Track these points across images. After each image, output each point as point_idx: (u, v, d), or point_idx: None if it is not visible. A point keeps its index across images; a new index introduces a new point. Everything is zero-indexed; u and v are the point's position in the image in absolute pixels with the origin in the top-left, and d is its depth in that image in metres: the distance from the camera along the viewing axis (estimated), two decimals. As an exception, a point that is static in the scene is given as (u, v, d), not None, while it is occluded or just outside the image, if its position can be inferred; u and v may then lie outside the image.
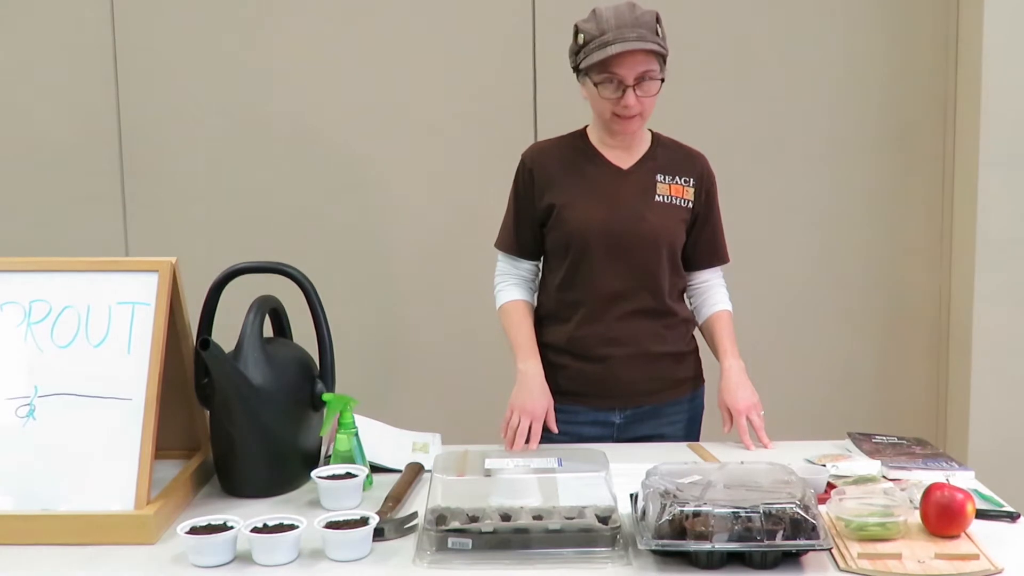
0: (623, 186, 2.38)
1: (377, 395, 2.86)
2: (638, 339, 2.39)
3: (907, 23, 3.53)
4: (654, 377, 2.42)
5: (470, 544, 1.74)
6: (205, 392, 2.06)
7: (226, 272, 2.12)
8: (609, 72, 2.26)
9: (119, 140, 3.61)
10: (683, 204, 2.40)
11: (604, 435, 2.43)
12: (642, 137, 2.43)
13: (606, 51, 2.22)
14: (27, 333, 1.97)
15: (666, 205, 2.38)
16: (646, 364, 2.41)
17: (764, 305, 3.66)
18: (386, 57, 3.57)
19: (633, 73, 2.25)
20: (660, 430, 2.45)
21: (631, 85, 2.26)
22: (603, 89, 2.28)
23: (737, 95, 3.57)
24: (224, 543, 1.74)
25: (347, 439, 2.09)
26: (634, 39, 2.22)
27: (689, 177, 2.41)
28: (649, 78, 2.28)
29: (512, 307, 2.45)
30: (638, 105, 2.28)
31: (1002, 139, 3.31)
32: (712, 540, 1.67)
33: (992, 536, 1.81)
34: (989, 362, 3.39)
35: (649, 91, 2.29)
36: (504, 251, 2.49)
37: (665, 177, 2.40)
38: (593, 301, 2.38)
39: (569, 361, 2.42)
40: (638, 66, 2.25)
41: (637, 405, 2.43)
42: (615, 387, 2.41)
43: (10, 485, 1.90)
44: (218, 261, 2.19)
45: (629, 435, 2.44)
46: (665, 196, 2.38)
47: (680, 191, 2.40)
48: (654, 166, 2.41)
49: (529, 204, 2.42)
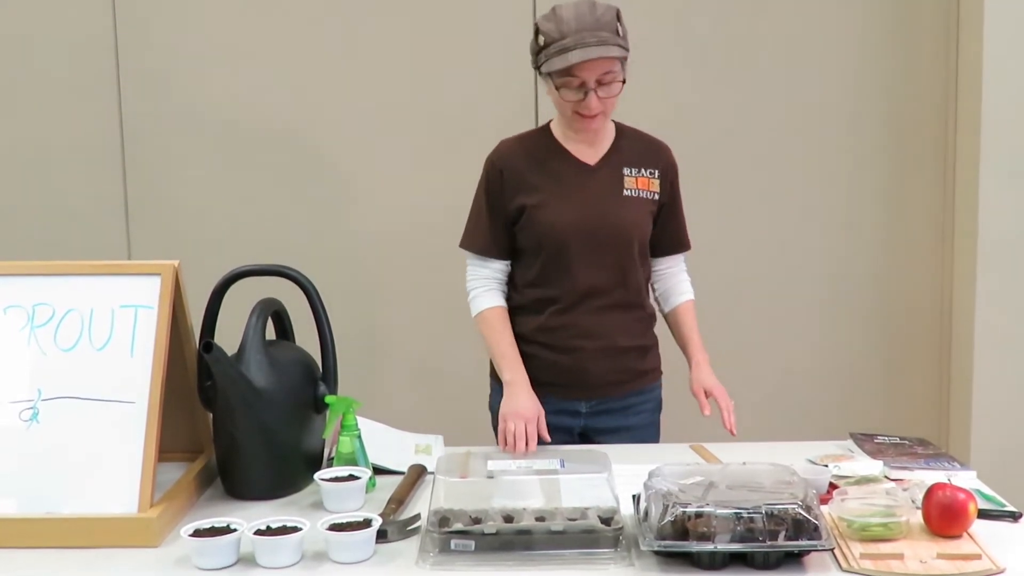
0: (592, 183, 2.41)
1: (379, 397, 2.87)
2: (610, 332, 2.43)
3: (908, 23, 3.53)
4: (621, 369, 2.46)
5: (473, 546, 1.74)
6: (208, 395, 2.06)
7: (229, 275, 2.12)
8: (570, 76, 2.27)
9: (121, 144, 3.61)
10: (650, 196, 2.43)
11: (571, 424, 2.46)
12: (607, 129, 2.44)
13: (567, 58, 2.23)
14: (30, 336, 1.98)
15: (634, 199, 2.41)
16: (615, 357, 2.45)
17: (766, 305, 3.66)
18: (388, 59, 3.57)
19: (594, 76, 2.27)
20: (626, 420, 2.48)
21: (592, 88, 2.28)
22: (564, 92, 2.30)
23: (738, 97, 3.57)
24: (227, 545, 1.75)
25: (350, 441, 2.09)
26: (594, 44, 2.22)
27: (654, 169, 2.44)
28: (611, 80, 2.29)
29: (491, 315, 2.45)
30: (600, 105, 2.31)
31: (1003, 139, 3.31)
32: (714, 541, 1.67)
33: (994, 536, 1.81)
34: (991, 362, 3.39)
35: (611, 92, 2.31)
36: (475, 252, 2.48)
37: (632, 171, 2.43)
38: (567, 296, 2.41)
39: (538, 351, 2.43)
40: (599, 69, 2.26)
41: (603, 396, 2.46)
42: (584, 378, 2.44)
43: (14, 488, 1.90)
44: (221, 264, 2.19)
45: (595, 424, 2.47)
46: (633, 190, 2.42)
47: (647, 183, 2.43)
48: (620, 160, 2.43)
49: (500, 204, 2.43)
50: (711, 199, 3.58)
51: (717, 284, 3.64)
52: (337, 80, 3.58)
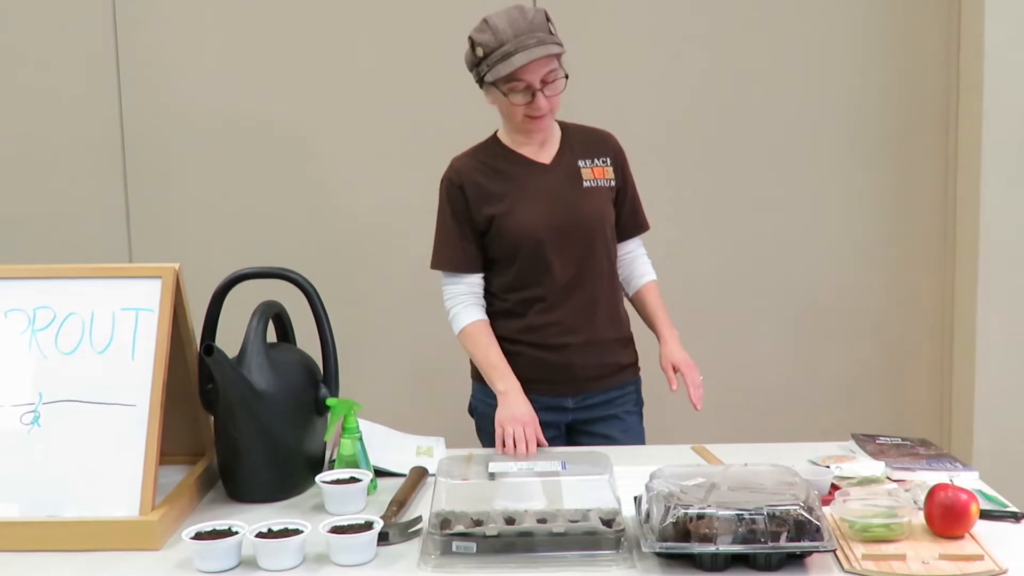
0: (553, 180, 2.44)
1: (381, 399, 2.86)
2: (593, 326, 2.46)
3: (909, 24, 3.53)
4: (604, 363, 2.49)
5: (474, 548, 1.74)
6: (209, 397, 2.06)
7: (229, 277, 2.12)
8: (516, 80, 2.32)
9: (122, 146, 3.62)
10: (607, 184, 2.48)
11: (559, 420, 2.48)
12: (552, 129, 2.49)
13: (511, 62, 2.28)
14: (31, 340, 1.98)
15: (595, 189, 2.46)
16: (598, 351, 2.48)
17: (767, 306, 3.66)
18: (388, 61, 3.57)
19: (538, 77, 2.32)
20: (611, 411, 2.51)
21: (539, 88, 2.33)
22: (512, 96, 2.35)
23: (739, 99, 3.57)
24: (229, 548, 1.75)
25: (351, 443, 2.09)
26: (534, 45, 2.29)
27: (605, 157, 2.50)
28: (554, 78, 2.35)
29: (473, 329, 2.44)
30: (547, 105, 2.35)
31: (1005, 140, 3.31)
32: (716, 542, 1.67)
33: (996, 536, 1.81)
34: (993, 363, 3.39)
35: (556, 90, 2.37)
36: (448, 270, 2.48)
37: (586, 162, 2.47)
38: (550, 294, 2.43)
39: (524, 349, 2.45)
40: (542, 69, 2.32)
41: (588, 391, 2.49)
42: (570, 374, 2.46)
43: (15, 492, 1.90)
44: (221, 267, 2.19)
45: (582, 418, 2.50)
46: (591, 180, 2.46)
47: (602, 172, 2.48)
48: (573, 155, 2.48)
49: (467, 219, 2.44)
50: (711, 200, 3.59)
51: (718, 285, 3.65)
52: (336, 84, 3.58)
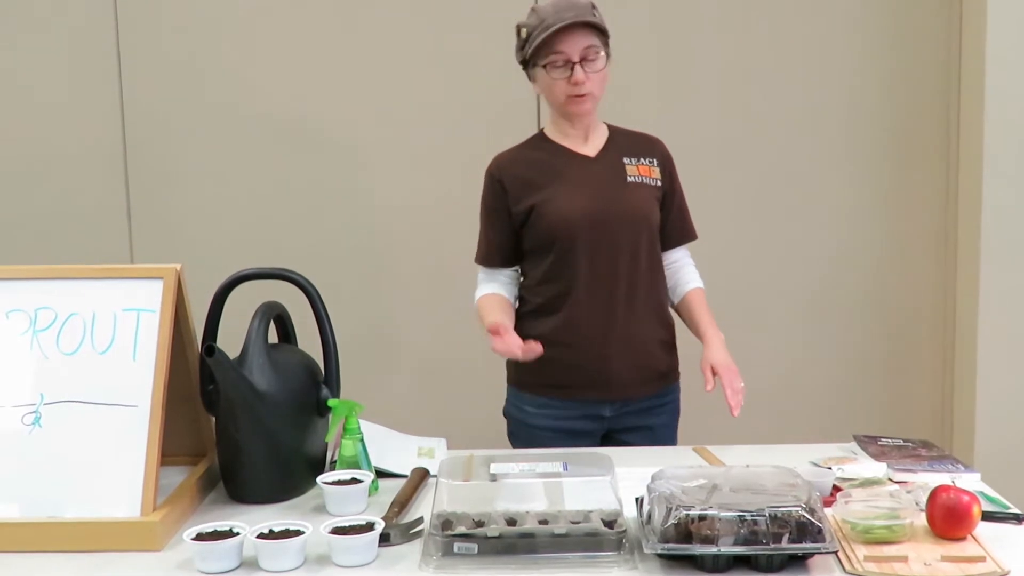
0: (595, 172, 2.44)
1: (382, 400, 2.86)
2: (631, 324, 2.43)
3: (910, 23, 3.53)
4: (642, 366, 2.47)
5: (476, 549, 1.74)
6: (210, 398, 2.06)
7: (231, 278, 2.12)
8: (554, 53, 2.34)
9: (124, 147, 3.62)
10: (653, 183, 2.47)
11: (595, 429, 2.47)
12: (599, 128, 2.51)
13: (548, 31, 2.33)
14: (33, 340, 1.98)
15: (639, 184, 2.45)
16: (637, 351, 2.45)
17: (767, 307, 3.66)
18: (389, 60, 3.58)
19: (577, 49, 2.35)
20: (648, 421, 2.49)
21: (577, 61, 2.34)
22: (552, 71, 2.36)
23: (738, 98, 3.57)
24: (230, 549, 1.75)
25: (352, 444, 2.09)
26: (571, 17, 2.33)
27: (652, 158, 2.50)
28: (594, 56, 2.36)
29: (483, 299, 2.52)
30: (588, 81, 2.36)
31: (1006, 138, 3.31)
32: (718, 543, 1.67)
33: (998, 538, 1.81)
34: (995, 364, 3.39)
35: (595, 67, 2.38)
36: (484, 265, 2.54)
37: (632, 159, 2.47)
38: (583, 288, 2.41)
39: (560, 353, 2.42)
40: (580, 41, 2.35)
41: (626, 398, 2.47)
42: (606, 377, 2.44)
43: (16, 492, 1.90)
44: (223, 267, 2.19)
45: (618, 427, 2.48)
46: (636, 176, 2.45)
47: (648, 171, 2.47)
48: (618, 151, 2.48)
49: (504, 214, 2.46)
50: (711, 200, 3.57)
51: (718, 286, 3.62)
52: (339, 82, 3.59)
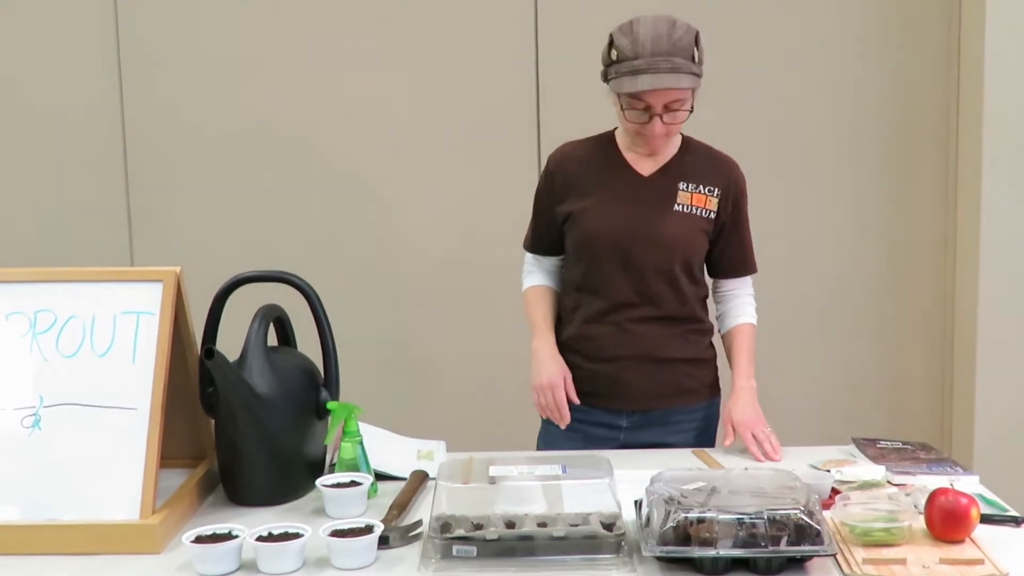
0: (642, 193, 2.37)
1: (381, 403, 2.87)
2: (647, 343, 2.39)
3: (909, 24, 3.53)
4: (664, 382, 2.42)
5: (475, 551, 1.74)
6: (210, 401, 2.06)
7: (230, 281, 2.12)
8: (637, 99, 2.23)
9: (124, 150, 3.62)
10: (704, 214, 2.37)
11: (610, 437, 2.45)
12: (672, 142, 2.39)
13: (636, 83, 2.19)
14: (32, 343, 1.98)
15: (685, 215, 2.36)
16: (655, 369, 2.41)
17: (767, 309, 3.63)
18: (390, 63, 3.58)
19: (662, 102, 2.23)
20: (667, 438, 2.43)
21: (659, 114, 2.24)
22: (629, 113, 2.26)
23: (738, 99, 3.57)
24: (229, 552, 1.75)
25: (352, 447, 2.09)
26: (667, 71, 2.17)
27: (714, 187, 2.38)
28: (678, 108, 2.25)
29: (531, 291, 2.53)
30: (663, 130, 2.27)
31: (1006, 141, 3.31)
32: (716, 546, 1.67)
33: (997, 541, 1.81)
34: (994, 366, 3.39)
35: (676, 119, 2.28)
36: (529, 250, 2.56)
37: (688, 185, 2.37)
38: (603, 304, 2.40)
39: (579, 361, 2.44)
40: (667, 97, 2.22)
41: (645, 409, 2.43)
42: (623, 389, 2.42)
43: (16, 495, 1.90)
44: (222, 270, 2.19)
45: (635, 439, 2.44)
46: (685, 206, 2.36)
47: (703, 200, 2.37)
48: (678, 174, 2.38)
49: (550, 208, 2.45)
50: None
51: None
52: (337, 87, 3.59)
